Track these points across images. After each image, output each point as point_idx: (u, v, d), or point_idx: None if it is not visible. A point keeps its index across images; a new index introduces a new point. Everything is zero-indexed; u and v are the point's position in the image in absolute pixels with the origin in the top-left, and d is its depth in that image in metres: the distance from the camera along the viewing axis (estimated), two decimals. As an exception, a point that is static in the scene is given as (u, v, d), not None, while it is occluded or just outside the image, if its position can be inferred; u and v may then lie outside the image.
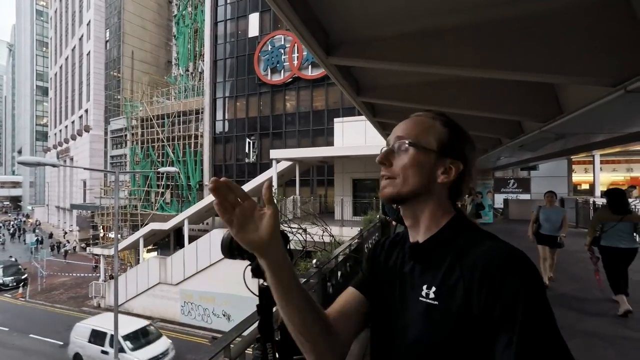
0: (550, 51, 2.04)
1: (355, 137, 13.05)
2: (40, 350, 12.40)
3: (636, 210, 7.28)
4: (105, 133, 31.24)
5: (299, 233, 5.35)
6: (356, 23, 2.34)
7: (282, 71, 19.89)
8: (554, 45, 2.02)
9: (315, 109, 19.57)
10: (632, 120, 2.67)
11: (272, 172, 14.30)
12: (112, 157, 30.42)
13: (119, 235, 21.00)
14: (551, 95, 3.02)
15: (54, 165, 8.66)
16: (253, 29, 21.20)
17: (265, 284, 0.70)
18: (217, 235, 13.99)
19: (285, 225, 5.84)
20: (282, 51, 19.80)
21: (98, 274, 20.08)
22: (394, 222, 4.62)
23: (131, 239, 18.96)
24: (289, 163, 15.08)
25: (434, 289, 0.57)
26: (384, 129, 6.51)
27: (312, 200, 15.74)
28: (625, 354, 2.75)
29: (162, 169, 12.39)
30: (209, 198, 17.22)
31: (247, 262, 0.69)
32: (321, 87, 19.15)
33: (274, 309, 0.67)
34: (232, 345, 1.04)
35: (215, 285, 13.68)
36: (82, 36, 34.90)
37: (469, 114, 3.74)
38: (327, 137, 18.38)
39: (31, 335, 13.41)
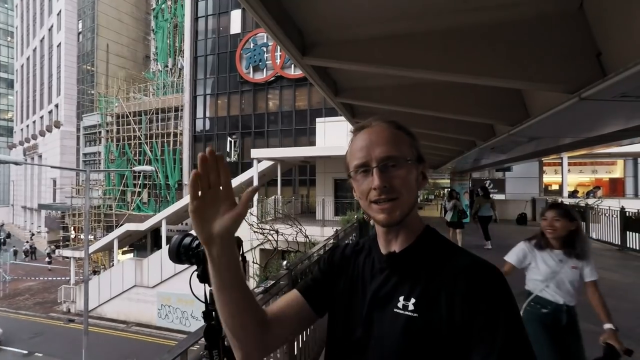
0: (514, 58, 2.13)
1: (338, 137, 13.11)
2: (2, 360, 11.67)
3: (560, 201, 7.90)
4: (78, 129, 29.77)
5: (270, 234, 5.32)
6: (329, 24, 2.35)
7: (265, 69, 19.69)
8: (517, 52, 2.11)
9: (298, 109, 19.51)
10: (588, 125, 2.84)
11: (253, 172, 14.12)
12: (84, 154, 29.03)
13: (92, 237, 20.10)
14: (519, 100, 3.16)
15: (16, 163, 8.15)
16: (235, 26, 20.84)
17: (210, 289, 0.69)
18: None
19: (257, 227, 5.81)
20: (265, 49, 19.59)
21: (67, 277, 19.11)
22: (371, 223, 4.69)
23: (105, 240, 18.17)
24: (270, 163, 14.95)
25: (413, 300, 0.56)
26: (364, 130, 6.57)
27: (294, 200, 15.70)
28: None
29: (138, 168, 11.96)
30: (187, 197, 16.77)
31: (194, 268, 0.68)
32: (304, 86, 19.11)
33: None
34: (192, 349, 1.02)
35: (194, 288, 13.35)
36: (51, 26, 33.03)
37: (444, 116, 3.85)
38: (309, 137, 18.38)
39: (-8, 345, 12.59)
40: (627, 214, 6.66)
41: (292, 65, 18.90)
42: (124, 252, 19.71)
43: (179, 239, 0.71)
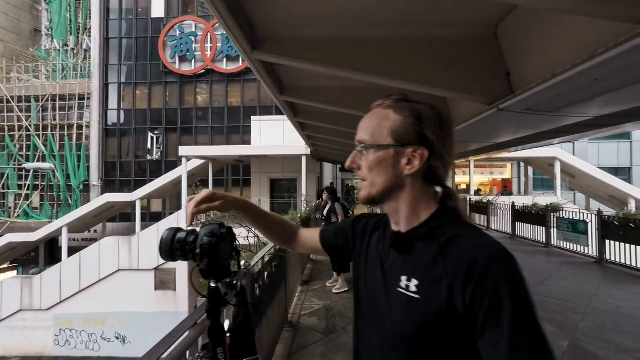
0: (446, 70, 2.44)
1: (274, 136, 12.96)
2: None
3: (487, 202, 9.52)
4: None
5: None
6: (282, 21, 2.34)
7: (193, 61, 18.23)
8: (449, 66, 2.43)
9: (230, 105, 18.61)
10: (497, 132, 3.44)
11: (181, 171, 12.96)
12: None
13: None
14: (446, 109, 3.63)
15: None
16: (157, 9, 18.77)
17: (213, 285, 0.63)
18: (110, 244, 11.84)
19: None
20: (193, 39, 18.15)
21: None
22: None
23: (-25, 256, 14.39)
24: (201, 161, 13.94)
25: (415, 282, 0.57)
26: (304, 130, 6.67)
27: (228, 201, 14.93)
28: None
29: (30, 165, 9.77)
30: (100, 200, 14.45)
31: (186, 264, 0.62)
32: (237, 82, 18.33)
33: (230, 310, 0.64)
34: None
35: (106, 305, 11.57)
36: None
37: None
38: (243, 135, 17.72)
39: None
40: (516, 208, 8.26)
41: (224, 59, 17.96)
42: (2, 270, 15.92)
43: (172, 235, 0.64)
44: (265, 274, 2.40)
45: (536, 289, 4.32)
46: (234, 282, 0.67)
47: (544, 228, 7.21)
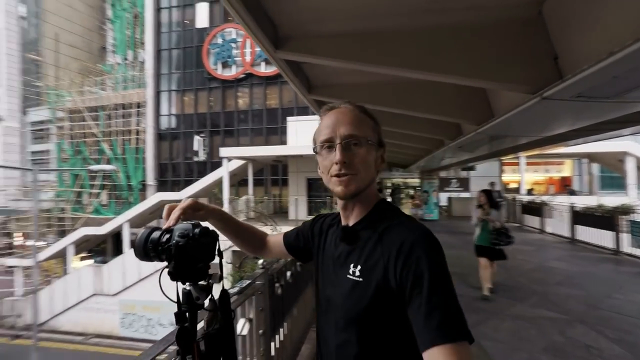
0: (480, 59, 2.22)
1: (309, 136, 12.99)
2: None
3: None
4: (23, 125, 26.97)
5: None
6: (304, 18, 2.31)
7: (234, 66, 19.14)
8: (484, 53, 2.21)
9: (269, 107, 19.20)
10: (547, 124, 3.06)
11: (223, 171, 13.67)
12: (32, 153, 26.38)
13: (44, 243, 18.30)
14: (484, 100, 3.32)
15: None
16: (201, 20, 20.03)
17: (187, 287, 0.62)
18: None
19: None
20: (234, 45, 19.04)
21: (12, 289, 17.27)
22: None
23: (58, 246, 16.66)
24: (241, 162, 14.57)
25: (359, 267, 0.64)
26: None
27: (267, 200, 15.44)
28: (544, 332, 3.15)
29: (96, 167, 11.06)
30: (154, 198, 15.87)
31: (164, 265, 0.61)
32: (275, 85, 18.84)
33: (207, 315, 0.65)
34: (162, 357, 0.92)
35: (161, 294, 12.68)
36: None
37: (413, 115, 3.96)
38: (281, 136, 18.16)
39: None
40: (575, 210, 7.33)
41: (263, 63, 18.56)
42: (82, 259, 18.19)
43: (146, 234, 0.63)
44: (288, 273, 2.39)
45: (599, 302, 3.78)
46: (209, 285, 0.64)
47: (612, 233, 6.29)
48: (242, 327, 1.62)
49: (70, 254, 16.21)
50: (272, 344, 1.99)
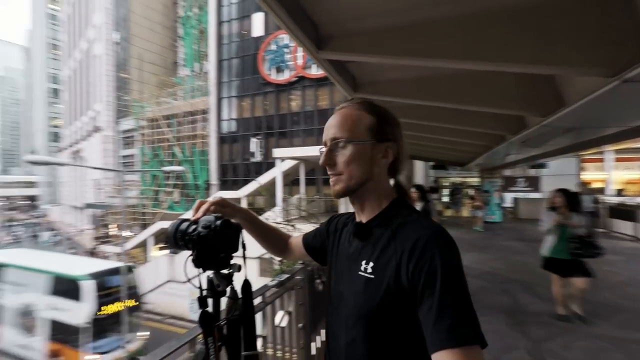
0: (544, 42, 1.96)
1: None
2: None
3: None
4: (116, 133, 31.83)
5: (285, 229, 5.34)
6: (344, 16, 2.30)
7: (287, 70, 19.90)
8: (547, 36, 1.94)
9: (320, 108, 19.52)
10: (631, 111, 2.56)
11: (277, 171, 14.32)
12: (123, 157, 30.95)
13: (132, 233, 21.43)
14: (552, 88, 2.92)
15: (58, 164, 8.90)
16: (257, 29, 21.24)
17: (210, 275, 0.69)
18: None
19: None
20: (287, 50, 19.80)
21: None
22: None
23: (139, 237, 19.29)
24: (294, 162, 15.08)
25: (371, 264, 0.64)
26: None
27: (318, 199, 15.74)
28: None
29: (168, 168, 12.56)
30: (216, 196, 17.34)
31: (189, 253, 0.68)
32: (325, 86, 19.08)
33: (232, 299, 0.70)
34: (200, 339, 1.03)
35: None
36: (91, 38, 35.54)
37: (468, 109, 3.65)
38: (332, 136, 18.30)
39: None
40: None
41: (314, 65, 18.94)
42: (160, 249, 20.79)
43: (176, 225, 0.71)
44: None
45: None
46: (230, 274, 0.70)
47: None
48: (280, 318, 1.70)
49: (150, 244, 18.63)
50: (313, 344, 2.02)
